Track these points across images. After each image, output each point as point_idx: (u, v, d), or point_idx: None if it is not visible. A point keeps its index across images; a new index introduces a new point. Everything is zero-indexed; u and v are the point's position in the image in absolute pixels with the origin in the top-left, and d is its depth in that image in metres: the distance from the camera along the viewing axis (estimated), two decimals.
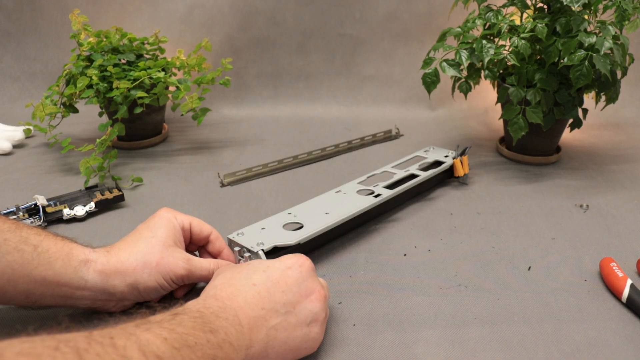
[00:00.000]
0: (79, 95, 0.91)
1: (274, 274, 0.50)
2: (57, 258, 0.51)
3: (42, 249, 0.51)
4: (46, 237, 0.52)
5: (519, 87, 0.86)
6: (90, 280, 0.53)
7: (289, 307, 0.49)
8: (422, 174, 0.82)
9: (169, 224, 0.58)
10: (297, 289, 0.50)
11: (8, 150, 0.99)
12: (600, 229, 0.75)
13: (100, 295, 0.54)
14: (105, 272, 0.53)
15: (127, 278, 0.54)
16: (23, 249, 0.50)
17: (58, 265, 0.51)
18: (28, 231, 0.52)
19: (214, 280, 0.51)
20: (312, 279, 0.52)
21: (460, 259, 0.68)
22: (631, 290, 0.59)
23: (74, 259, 0.52)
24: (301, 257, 0.53)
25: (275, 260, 0.53)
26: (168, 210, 0.60)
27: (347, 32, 1.22)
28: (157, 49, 1.04)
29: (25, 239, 0.51)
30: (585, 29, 0.82)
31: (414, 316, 0.58)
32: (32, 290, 0.51)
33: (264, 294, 0.48)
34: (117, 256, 0.55)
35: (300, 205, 0.71)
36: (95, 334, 0.34)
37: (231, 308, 0.46)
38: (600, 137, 1.09)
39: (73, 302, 0.54)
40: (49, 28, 1.24)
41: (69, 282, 0.52)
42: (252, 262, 0.53)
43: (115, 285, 0.54)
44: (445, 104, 1.21)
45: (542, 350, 0.54)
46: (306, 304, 0.50)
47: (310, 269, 0.52)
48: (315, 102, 1.23)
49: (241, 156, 1.00)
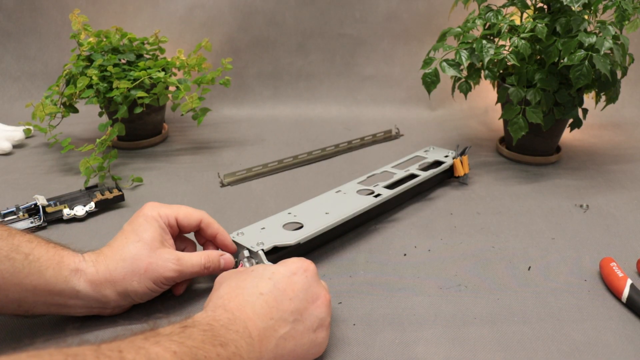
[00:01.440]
0: (79, 95, 0.91)
1: (281, 282, 0.50)
2: (48, 267, 0.51)
3: (33, 258, 0.50)
4: (38, 244, 0.52)
5: (519, 87, 0.86)
6: (82, 290, 0.52)
7: (297, 315, 0.49)
8: (422, 173, 0.82)
9: (153, 224, 0.57)
10: (304, 295, 0.50)
11: (8, 150, 0.99)
12: (600, 229, 0.75)
13: (94, 303, 0.54)
14: (96, 282, 0.53)
15: (117, 287, 0.53)
16: (14, 258, 0.49)
17: (49, 275, 0.51)
18: (20, 238, 0.51)
19: (219, 289, 0.50)
20: (317, 284, 0.52)
21: (460, 259, 0.68)
22: (631, 290, 0.59)
23: (65, 268, 0.52)
24: (305, 262, 0.53)
25: (280, 265, 0.52)
26: (152, 206, 0.58)
27: (347, 32, 1.22)
28: (157, 49, 1.04)
29: (17, 247, 0.50)
30: (585, 29, 0.82)
31: (414, 316, 0.58)
32: (24, 299, 0.50)
33: (272, 303, 0.48)
34: (105, 265, 0.54)
35: (300, 205, 0.71)
36: (103, 347, 0.34)
37: (241, 320, 0.46)
38: (600, 137, 1.09)
39: (67, 311, 0.54)
40: (49, 28, 1.25)
41: (61, 291, 0.51)
42: (256, 269, 0.52)
43: (107, 294, 0.53)
44: (445, 104, 1.21)
45: (542, 350, 0.54)
46: (313, 310, 0.50)
47: (314, 273, 0.52)
48: (315, 102, 1.23)
49: (241, 156, 1.00)
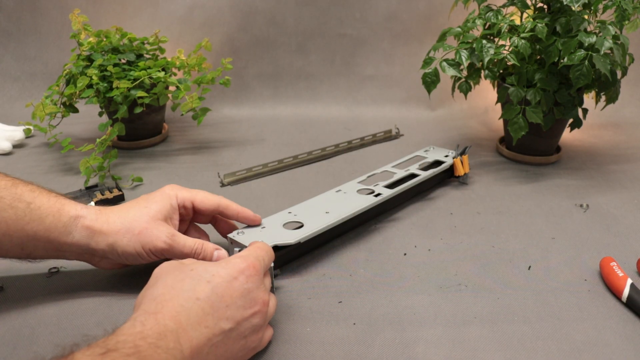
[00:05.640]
0: (79, 95, 0.91)
1: (220, 286, 0.47)
2: (48, 214, 0.55)
3: (34, 206, 0.54)
4: (40, 194, 0.56)
5: (519, 87, 0.86)
6: (76, 236, 0.56)
7: (232, 323, 0.47)
8: (422, 173, 0.82)
9: (166, 200, 0.60)
10: (242, 302, 0.48)
11: (8, 150, 0.99)
12: (600, 229, 0.75)
13: (85, 250, 0.57)
14: (92, 229, 0.56)
15: (108, 238, 0.56)
16: (16, 206, 0.54)
17: (48, 221, 0.55)
18: (23, 188, 0.55)
19: (155, 285, 0.47)
20: (257, 289, 0.49)
21: (460, 259, 0.68)
22: (631, 290, 0.59)
23: (65, 214, 0.55)
24: (249, 264, 0.50)
25: (221, 266, 0.49)
26: (173, 187, 0.62)
27: (347, 32, 1.22)
28: (157, 49, 1.04)
29: (20, 196, 0.54)
30: (585, 28, 0.82)
31: (414, 315, 0.58)
32: (26, 244, 0.55)
33: (207, 310, 0.46)
34: (106, 216, 0.57)
35: (301, 205, 0.71)
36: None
37: (173, 332, 0.43)
38: (600, 137, 1.09)
39: (62, 255, 0.57)
40: (49, 28, 1.25)
41: (58, 237, 0.55)
42: (196, 268, 0.49)
43: (97, 242, 0.56)
44: (445, 104, 1.21)
45: (542, 349, 0.54)
46: (249, 317, 0.48)
47: (257, 278, 0.50)
48: (315, 102, 1.23)
49: (241, 156, 1.00)
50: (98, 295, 0.60)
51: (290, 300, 0.60)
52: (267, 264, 0.54)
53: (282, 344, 0.54)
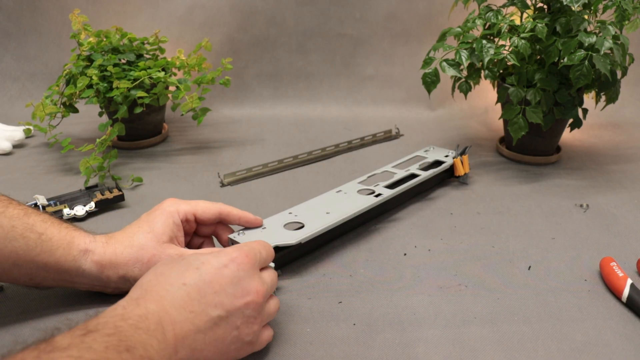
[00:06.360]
0: (79, 95, 0.91)
1: (208, 273, 0.47)
2: (59, 247, 0.54)
3: (45, 237, 0.54)
4: (52, 224, 0.55)
5: (519, 87, 0.86)
6: (87, 270, 0.55)
7: (220, 310, 0.46)
8: (422, 173, 0.82)
9: (168, 219, 0.59)
10: (232, 289, 0.47)
11: (8, 150, 0.99)
12: (600, 229, 0.75)
13: (97, 282, 0.57)
14: (101, 263, 0.56)
15: (119, 270, 0.56)
16: (28, 237, 0.53)
17: (59, 254, 0.54)
18: (35, 218, 0.55)
19: (148, 273, 0.48)
20: (250, 278, 0.48)
21: (461, 259, 0.68)
22: (631, 290, 0.59)
23: (75, 248, 0.55)
24: (241, 253, 0.49)
25: (213, 255, 0.49)
26: (172, 202, 0.60)
27: (347, 32, 1.22)
28: (157, 49, 1.04)
29: (32, 226, 0.54)
30: (585, 28, 0.82)
31: (414, 315, 0.58)
32: (35, 274, 0.54)
33: (193, 295, 0.45)
34: (113, 248, 0.56)
35: (301, 205, 0.71)
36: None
37: (155, 314, 0.42)
38: (600, 137, 1.09)
39: (73, 286, 0.57)
40: (49, 28, 1.25)
41: (69, 269, 0.55)
42: (188, 257, 0.49)
43: (109, 276, 0.56)
44: (445, 104, 1.21)
45: (542, 349, 0.54)
46: (241, 306, 0.47)
47: (249, 267, 0.49)
48: (315, 102, 1.23)
49: (241, 156, 1.00)
50: (98, 295, 0.60)
51: (290, 300, 0.60)
52: (264, 258, 0.53)
53: (282, 344, 0.54)
